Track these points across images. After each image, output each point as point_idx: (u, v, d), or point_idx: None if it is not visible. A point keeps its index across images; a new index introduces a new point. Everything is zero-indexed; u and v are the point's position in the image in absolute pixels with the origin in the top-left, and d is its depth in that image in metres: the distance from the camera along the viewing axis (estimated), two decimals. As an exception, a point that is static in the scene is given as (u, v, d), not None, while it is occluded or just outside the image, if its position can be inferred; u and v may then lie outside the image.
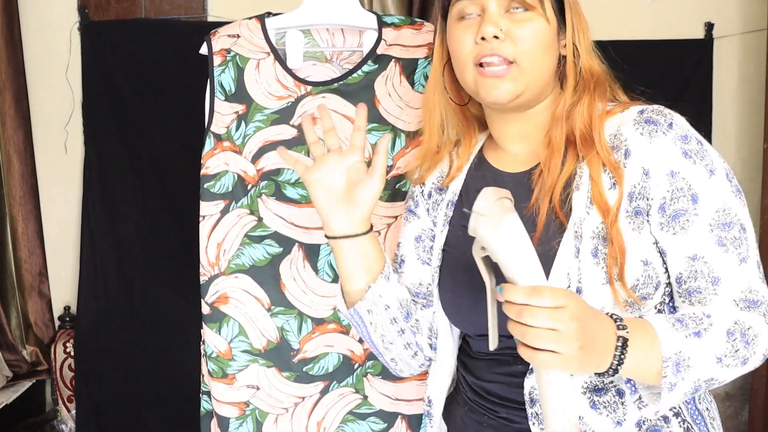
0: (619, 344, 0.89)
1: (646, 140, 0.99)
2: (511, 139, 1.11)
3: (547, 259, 0.98)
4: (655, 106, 1.02)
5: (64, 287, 2.84)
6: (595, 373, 0.90)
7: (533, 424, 1.01)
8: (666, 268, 1.01)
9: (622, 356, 0.89)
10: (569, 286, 0.98)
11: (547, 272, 0.98)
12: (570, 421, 0.86)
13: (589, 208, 1.00)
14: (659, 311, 1.02)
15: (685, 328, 0.93)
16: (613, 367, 0.89)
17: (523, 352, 0.86)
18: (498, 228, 0.87)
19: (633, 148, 1.00)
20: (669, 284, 1.02)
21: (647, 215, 0.99)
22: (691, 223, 0.98)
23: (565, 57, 1.07)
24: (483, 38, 1.01)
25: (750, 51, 2.83)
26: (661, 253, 1.00)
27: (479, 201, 0.88)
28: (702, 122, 2.84)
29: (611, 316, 0.91)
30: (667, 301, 1.03)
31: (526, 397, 1.02)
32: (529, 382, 1.02)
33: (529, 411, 1.02)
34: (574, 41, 1.05)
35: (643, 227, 0.99)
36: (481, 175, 1.13)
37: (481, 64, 1.02)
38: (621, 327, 0.90)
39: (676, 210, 0.98)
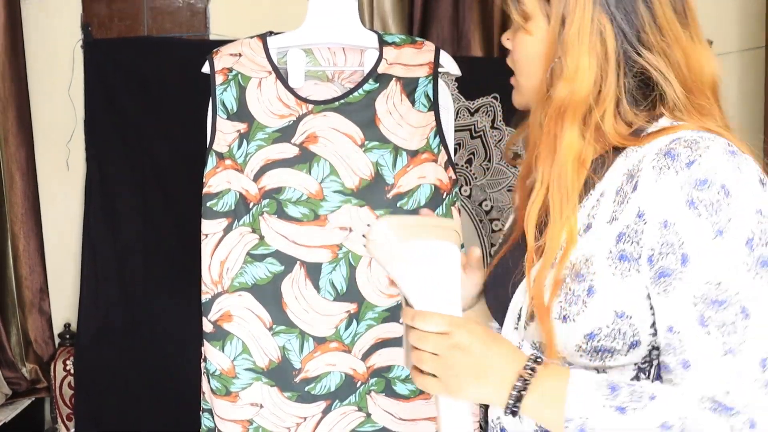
0: (519, 384, 0.84)
1: (654, 177, 0.84)
2: None
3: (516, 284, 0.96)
4: (695, 135, 0.85)
5: (64, 305, 2.84)
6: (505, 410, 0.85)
7: None
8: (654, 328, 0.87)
9: (520, 397, 0.84)
10: (519, 317, 0.94)
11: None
12: None
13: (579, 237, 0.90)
14: (640, 371, 0.89)
15: (613, 397, 0.82)
16: (509, 407, 0.84)
17: (411, 373, 0.88)
18: (391, 256, 0.89)
19: (640, 183, 0.85)
20: (656, 347, 0.88)
21: (637, 263, 0.85)
22: (674, 288, 0.82)
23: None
24: None
25: (749, 68, 2.85)
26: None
27: (372, 230, 0.90)
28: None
29: (531, 357, 0.85)
30: (656, 363, 0.89)
31: (491, 424, 0.96)
32: (494, 411, 0.97)
33: None
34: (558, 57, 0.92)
35: (629, 275, 0.86)
36: None
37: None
38: (529, 368, 0.84)
39: (662, 267, 0.83)
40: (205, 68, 1.48)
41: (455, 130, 1.62)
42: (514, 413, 0.85)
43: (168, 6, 2.76)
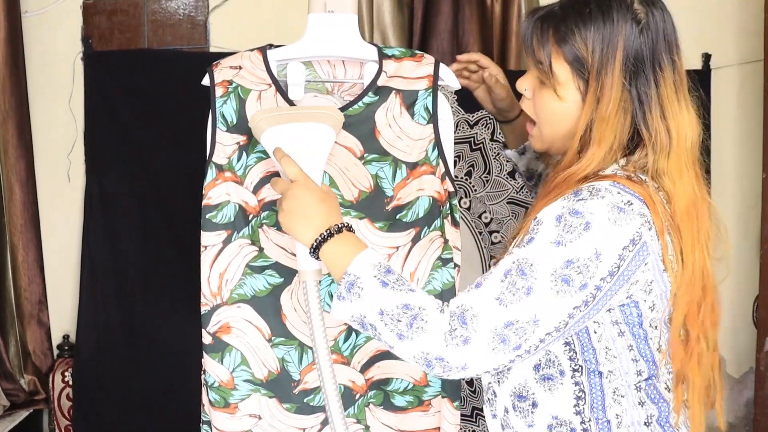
0: (325, 233, 1.17)
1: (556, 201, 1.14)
2: None
3: None
4: (607, 186, 1.12)
5: (63, 316, 2.84)
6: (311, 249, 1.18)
7: None
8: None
9: (322, 242, 1.17)
10: None
11: None
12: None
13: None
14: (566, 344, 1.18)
15: (382, 273, 1.12)
16: (313, 247, 1.18)
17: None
18: (272, 135, 1.28)
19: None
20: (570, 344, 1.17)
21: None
22: (514, 249, 1.13)
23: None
24: None
25: (747, 81, 2.86)
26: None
27: (255, 115, 1.33)
28: (700, 152, 2.86)
29: (347, 224, 1.18)
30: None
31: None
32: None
33: None
34: (584, 127, 1.18)
35: None
36: None
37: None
38: (338, 227, 1.17)
39: (523, 239, 1.14)
40: (205, 81, 1.48)
41: (455, 143, 1.62)
42: (314, 253, 1.18)
43: (168, 19, 2.77)
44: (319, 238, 1.17)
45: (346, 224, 1.19)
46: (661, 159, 1.14)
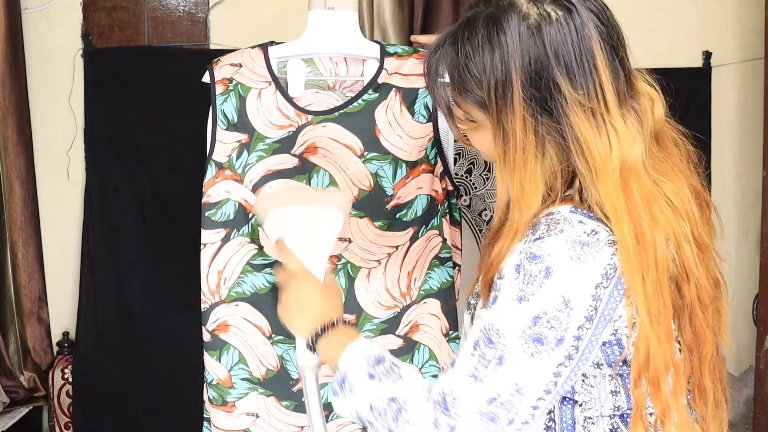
0: (321, 330, 1.13)
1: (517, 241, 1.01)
2: None
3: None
4: (565, 215, 0.98)
5: (63, 313, 2.84)
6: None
7: None
8: None
9: (317, 338, 1.13)
10: None
11: None
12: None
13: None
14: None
15: (373, 366, 1.05)
16: (309, 343, 1.14)
17: None
18: (276, 219, 1.21)
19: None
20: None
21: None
22: (482, 314, 1.01)
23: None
24: None
25: (748, 79, 2.86)
26: None
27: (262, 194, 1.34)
28: (700, 150, 2.86)
29: (344, 318, 1.16)
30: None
31: None
32: None
33: None
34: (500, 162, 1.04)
35: None
36: None
37: None
38: (335, 322, 1.13)
39: (490, 298, 1.01)
40: (205, 78, 1.48)
41: (455, 140, 1.62)
42: (311, 348, 1.15)
43: (168, 16, 2.77)
44: (314, 336, 1.14)
45: (341, 318, 1.16)
46: (594, 192, 0.98)
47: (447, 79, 1.05)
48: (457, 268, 1.46)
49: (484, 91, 0.99)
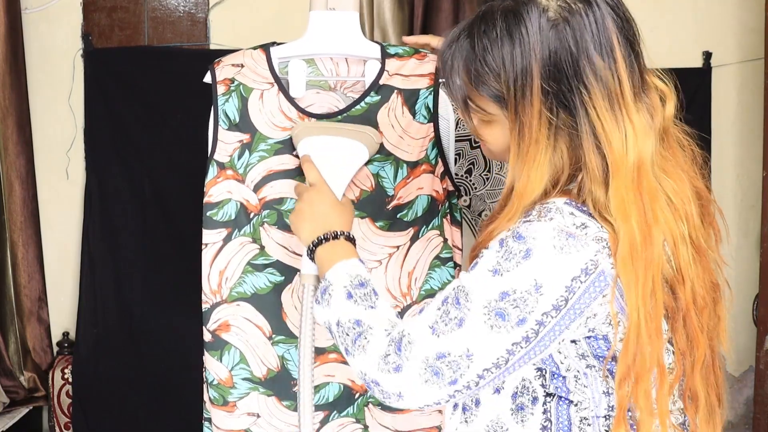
0: (322, 237, 1.18)
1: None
2: None
3: None
4: (558, 205, 0.99)
5: (63, 313, 2.84)
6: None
7: None
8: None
9: (317, 245, 1.18)
10: None
11: None
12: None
13: None
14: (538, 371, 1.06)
15: (354, 286, 1.10)
16: (309, 247, 1.19)
17: None
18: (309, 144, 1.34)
19: None
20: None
21: None
22: (461, 274, 1.04)
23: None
24: None
25: (748, 79, 2.86)
26: None
27: (298, 125, 1.40)
28: (701, 151, 2.86)
29: (349, 233, 1.19)
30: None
31: None
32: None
33: None
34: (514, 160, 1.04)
35: None
36: None
37: None
38: (336, 234, 1.18)
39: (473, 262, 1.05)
40: (207, 78, 1.48)
41: (455, 140, 1.62)
42: (310, 254, 1.20)
43: (168, 16, 2.77)
44: (315, 241, 1.19)
45: (346, 233, 1.19)
46: (598, 190, 0.98)
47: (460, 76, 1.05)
48: (457, 268, 1.46)
49: (502, 85, 0.99)
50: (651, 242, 0.97)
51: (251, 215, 1.45)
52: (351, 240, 1.20)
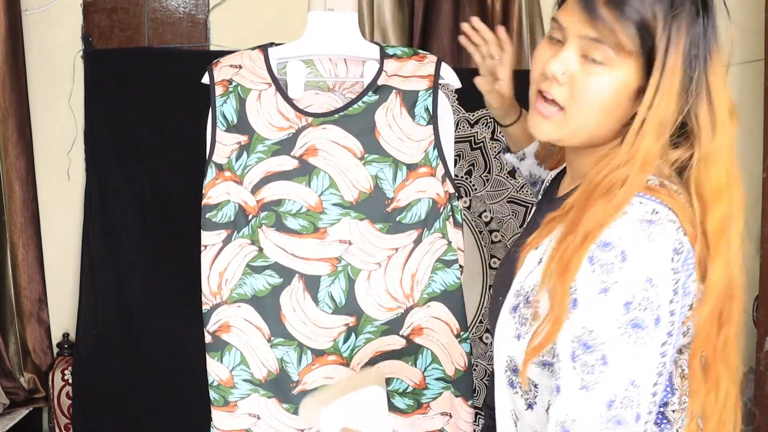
0: None
1: None
2: (569, 163, 1.14)
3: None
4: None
5: (63, 314, 2.84)
6: None
7: None
8: None
9: None
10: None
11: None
12: None
13: (534, 268, 1.02)
14: None
15: None
16: None
17: None
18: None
19: None
20: None
21: None
22: (565, 324, 0.94)
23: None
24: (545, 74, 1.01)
25: (748, 81, 2.85)
26: None
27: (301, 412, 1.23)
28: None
29: None
30: None
31: None
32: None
33: None
34: (644, 116, 0.97)
35: None
36: (552, 184, 1.21)
37: (541, 92, 1.03)
38: None
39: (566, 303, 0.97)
40: (205, 79, 1.48)
41: (455, 142, 1.62)
42: None
43: (168, 17, 2.77)
44: None
45: None
46: (703, 159, 0.97)
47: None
48: (460, 269, 1.46)
49: (652, 12, 0.94)
50: (738, 219, 0.99)
51: (249, 217, 1.45)
52: None
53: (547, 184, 1.24)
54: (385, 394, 1.22)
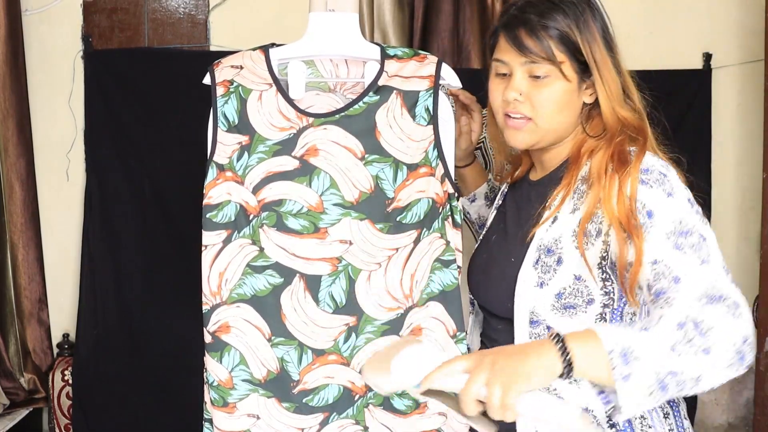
0: (555, 341, 1.00)
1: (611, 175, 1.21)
2: (537, 161, 1.38)
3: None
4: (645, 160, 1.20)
5: (63, 314, 2.84)
6: (560, 377, 1.00)
7: None
8: (604, 289, 1.19)
9: (566, 353, 0.99)
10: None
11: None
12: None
13: (550, 226, 1.23)
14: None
15: (632, 327, 1.03)
16: (565, 364, 0.98)
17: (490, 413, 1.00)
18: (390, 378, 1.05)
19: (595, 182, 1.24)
20: (607, 305, 1.20)
21: (594, 237, 1.18)
22: (649, 233, 1.12)
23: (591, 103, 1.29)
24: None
25: (748, 81, 2.86)
26: (609, 273, 1.18)
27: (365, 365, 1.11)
28: (701, 152, 2.87)
29: (550, 335, 1.02)
30: (609, 318, 1.20)
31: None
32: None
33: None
34: (598, 96, 1.25)
35: (591, 247, 1.18)
36: (521, 181, 1.42)
37: (508, 114, 1.28)
38: (553, 335, 1.01)
39: (636, 223, 1.14)
40: (206, 79, 1.48)
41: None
42: (569, 369, 0.99)
43: (169, 17, 2.77)
44: (560, 351, 0.99)
45: (550, 335, 1.03)
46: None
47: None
48: (458, 269, 1.46)
49: (570, 30, 1.24)
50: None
51: (250, 217, 1.45)
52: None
53: (506, 189, 1.45)
54: (430, 348, 1.11)
